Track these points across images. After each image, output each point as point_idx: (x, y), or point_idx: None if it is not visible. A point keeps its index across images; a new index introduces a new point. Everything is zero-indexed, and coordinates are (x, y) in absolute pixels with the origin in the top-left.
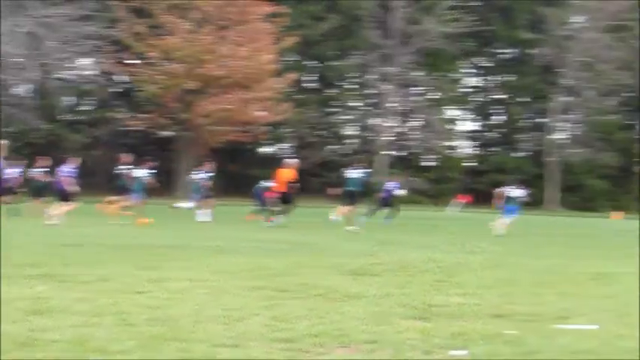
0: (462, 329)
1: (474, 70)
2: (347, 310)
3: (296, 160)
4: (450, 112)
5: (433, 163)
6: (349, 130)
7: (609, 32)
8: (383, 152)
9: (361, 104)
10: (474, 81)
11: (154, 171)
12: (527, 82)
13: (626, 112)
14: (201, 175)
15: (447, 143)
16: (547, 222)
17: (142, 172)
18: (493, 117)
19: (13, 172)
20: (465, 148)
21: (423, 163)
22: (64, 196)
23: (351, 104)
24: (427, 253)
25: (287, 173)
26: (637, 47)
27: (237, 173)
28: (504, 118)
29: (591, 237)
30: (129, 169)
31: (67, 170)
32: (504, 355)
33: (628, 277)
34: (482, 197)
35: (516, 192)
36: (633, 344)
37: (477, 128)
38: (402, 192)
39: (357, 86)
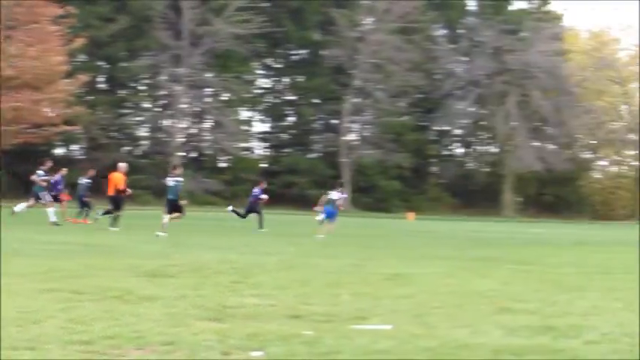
0: (258, 330)
1: (266, 72)
2: (142, 311)
3: (125, 164)
4: (243, 113)
5: (227, 165)
6: (142, 132)
7: (399, 34)
8: (176, 154)
9: (153, 105)
10: (266, 82)
11: None
12: (319, 84)
13: (418, 114)
14: (41, 176)
15: (241, 144)
16: (340, 223)
17: None
18: (285, 118)
19: None
20: (259, 149)
21: (218, 165)
22: None
23: (143, 105)
24: (222, 255)
25: (117, 177)
26: (427, 49)
27: (30, 175)
28: (297, 119)
29: (385, 238)
30: None
31: None
32: (301, 355)
33: (423, 277)
34: (276, 198)
35: (335, 194)
36: (429, 343)
37: (270, 129)
38: (265, 197)
39: (148, 87)
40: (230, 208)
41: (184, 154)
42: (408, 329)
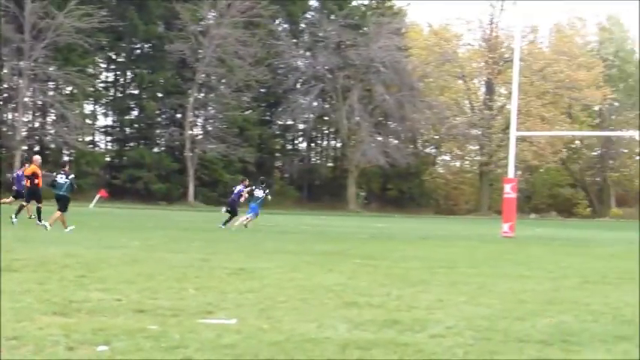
0: (103, 325)
1: (110, 65)
2: None
3: (38, 157)
4: (87, 106)
5: (71, 158)
6: None
7: (242, 28)
8: (20, 148)
9: None
10: (109, 76)
11: None
12: (163, 78)
13: (262, 108)
14: None
15: (85, 138)
16: (186, 217)
17: None
18: (129, 112)
19: None
20: (103, 142)
21: (61, 158)
22: None
23: None
24: (67, 249)
25: (31, 169)
26: (270, 43)
27: None
28: (141, 113)
29: (230, 232)
30: None
31: None
32: (146, 349)
33: (268, 271)
34: (119, 192)
35: (258, 192)
36: (275, 338)
37: (114, 123)
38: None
39: None
40: (224, 209)
41: (27, 147)
42: (254, 323)
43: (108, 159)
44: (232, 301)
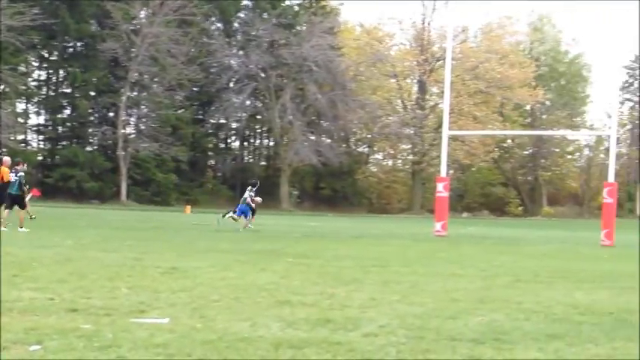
0: (35, 324)
1: (42, 64)
2: None
3: (7, 158)
4: (19, 105)
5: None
6: None
7: (175, 27)
8: None
9: None
10: (41, 74)
11: None
12: (96, 76)
13: (195, 107)
14: None
15: (17, 137)
16: (119, 216)
17: None
18: (62, 110)
19: None
20: (35, 141)
21: None
22: None
23: None
24: None
25: (3, 171)
26: (203, 42)
27: None
28: (73, 111)
29: (163, 231)
30: None
31: None
32: (79, 349)
33: (201, 270)
34: (52, 191)
35: (245, 193)
36: (208, 337)
37: (46, 122)
38: (259, 199)
39: None
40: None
41: None
42: (187, 323)
43: (40, 158)
44: (165, 301)
